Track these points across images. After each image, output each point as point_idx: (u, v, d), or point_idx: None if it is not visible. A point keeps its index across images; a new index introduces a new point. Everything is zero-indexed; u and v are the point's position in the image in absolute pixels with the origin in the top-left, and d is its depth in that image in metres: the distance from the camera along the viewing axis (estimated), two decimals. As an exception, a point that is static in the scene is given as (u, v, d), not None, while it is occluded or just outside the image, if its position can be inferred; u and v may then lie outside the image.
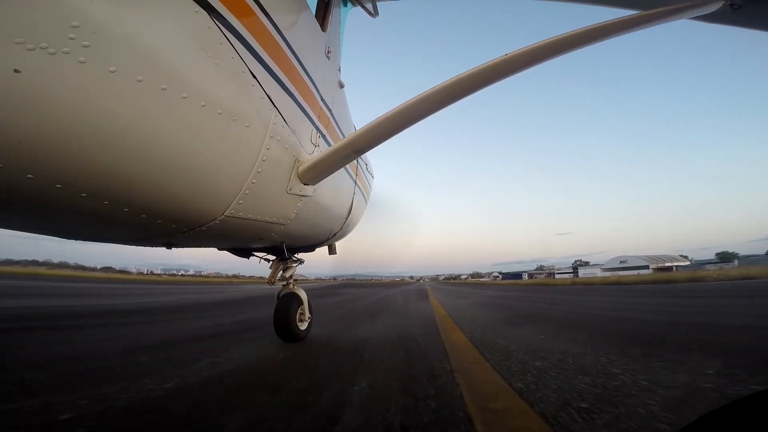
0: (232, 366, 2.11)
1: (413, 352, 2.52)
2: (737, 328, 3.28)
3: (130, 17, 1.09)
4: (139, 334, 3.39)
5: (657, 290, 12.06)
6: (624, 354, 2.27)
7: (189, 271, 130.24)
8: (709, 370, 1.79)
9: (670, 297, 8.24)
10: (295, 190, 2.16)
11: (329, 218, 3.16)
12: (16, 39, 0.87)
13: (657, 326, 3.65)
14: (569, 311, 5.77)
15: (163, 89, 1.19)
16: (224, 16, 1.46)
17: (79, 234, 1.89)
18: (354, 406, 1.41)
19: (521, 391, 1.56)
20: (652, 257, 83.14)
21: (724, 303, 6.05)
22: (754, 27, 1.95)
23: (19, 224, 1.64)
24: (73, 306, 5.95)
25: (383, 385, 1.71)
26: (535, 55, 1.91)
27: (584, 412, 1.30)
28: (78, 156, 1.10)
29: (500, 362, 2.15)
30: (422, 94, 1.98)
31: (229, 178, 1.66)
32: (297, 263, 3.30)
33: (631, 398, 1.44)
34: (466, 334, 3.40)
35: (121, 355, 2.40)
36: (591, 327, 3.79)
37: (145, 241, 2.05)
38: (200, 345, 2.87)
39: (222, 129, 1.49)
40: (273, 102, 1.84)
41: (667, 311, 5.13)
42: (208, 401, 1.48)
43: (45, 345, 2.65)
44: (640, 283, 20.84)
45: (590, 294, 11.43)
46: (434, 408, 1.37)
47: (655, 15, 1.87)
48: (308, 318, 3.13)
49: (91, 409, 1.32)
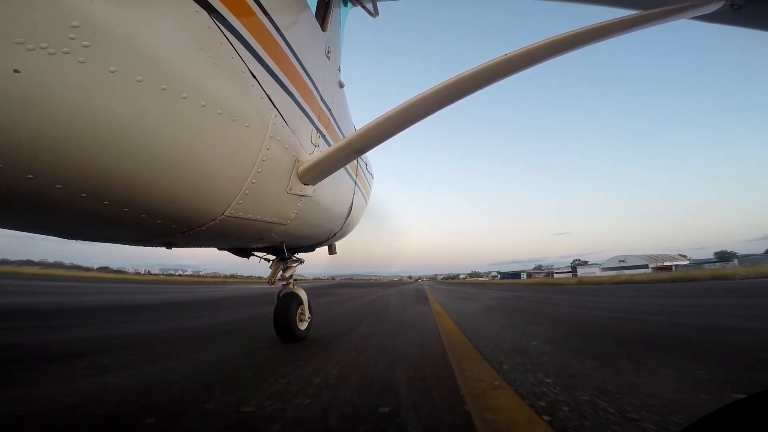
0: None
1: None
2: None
3: (130, 17, 1.09)
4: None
5: (702, 289, 10.07)
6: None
7: (187, 271, 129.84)
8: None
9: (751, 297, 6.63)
10: (295, 190, 2.16)
11: (329, 218, 3.16)
12: (16, 39, 0.87)
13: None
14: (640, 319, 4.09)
15: (163, 89, 1.19)
16: (224, 16, 1.46)
17: (79, 234, 1.89)
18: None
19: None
20: (651, 256, 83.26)
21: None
22: (754, 27, 1.95)
23: (19, 224, 1.64)
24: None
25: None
26: (535, 55, 1.92)
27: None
28: (78, 156, 1.09)
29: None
30: (422, 94, 1.98)
31: (229, 178, 1.65)
32: (297, 263, 3.30)
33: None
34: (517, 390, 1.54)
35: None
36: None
37: (145, 241, 2.04)
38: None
39: (222, 129, 1.49)
40: (273, 102, 1.84)
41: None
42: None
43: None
44: (656, 282, 18.64)
45: (612, 294, 9.74)
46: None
47: (655, 15, 1.87)
48: (308, 318, 3.13)
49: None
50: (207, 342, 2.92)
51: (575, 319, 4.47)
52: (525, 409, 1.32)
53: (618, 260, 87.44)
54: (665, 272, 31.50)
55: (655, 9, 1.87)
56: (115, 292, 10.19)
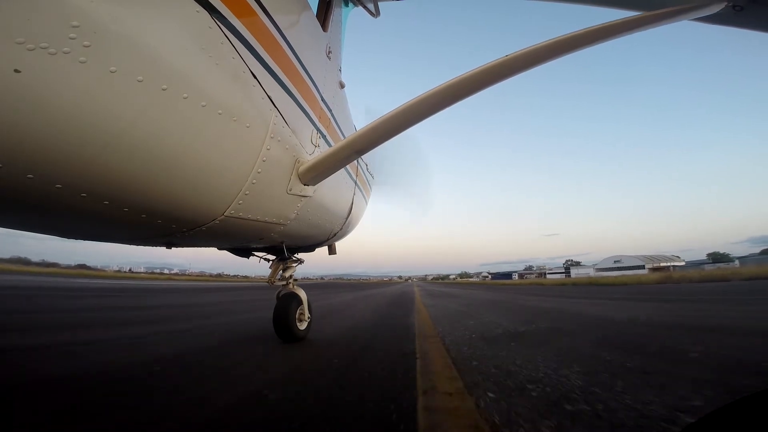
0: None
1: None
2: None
3: (130, 17, 1.08)
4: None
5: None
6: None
7: (173, 269, 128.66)
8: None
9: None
10: (295, 191, 2.15)
11: (329, 218, 3.16)
12: (17, 39, 0.86)
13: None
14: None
15: (163, 89, 1.19)
16: (225, 17, 1.46)
17: (79, 233, 1.88)
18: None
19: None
20: (647, 257, 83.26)
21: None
22: (756, 28, 1.95)
23: (19, 224, 1.64)
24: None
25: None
26: (536, 56, 1.91)
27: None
28: (78, 156, 1.09)
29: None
30: (422, 95, 1.98)
31: (229, 178, 1.65)
32: (297, 263, 3.30)
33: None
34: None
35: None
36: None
37: (145, 240, 2.04)
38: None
39: (222, 129, 1.49)
40: (273, 102, 1.84)
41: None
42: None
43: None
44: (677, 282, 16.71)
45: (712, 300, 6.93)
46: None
47: (657, 16, 1.87)
48: (308, 318, 3.13)
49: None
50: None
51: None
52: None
53: (613, 261, 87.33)
54: (676, 272, 28.82)
55: (657, 11, 1.86)
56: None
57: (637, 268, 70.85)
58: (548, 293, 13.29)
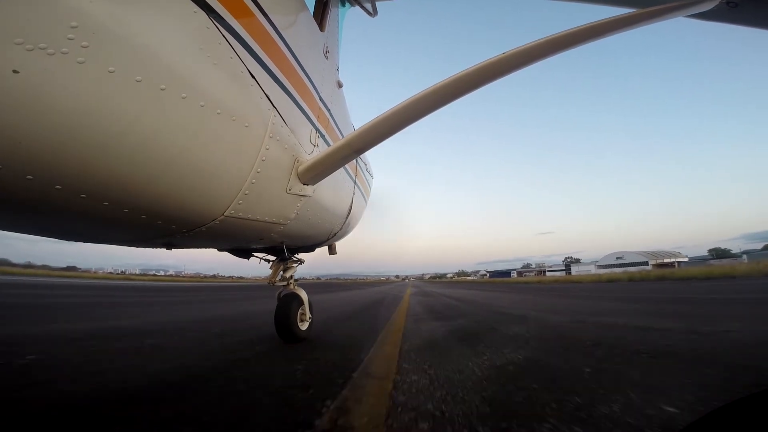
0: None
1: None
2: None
3: (128, 17, 1.09)
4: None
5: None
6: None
7: (168, 271, 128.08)
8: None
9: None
10: (294, 190, 2.16)
11: (329, 218, 3.16)
12: (16, 39, 0.87)
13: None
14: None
15: (162, 89, 1.19)
16: (223, 17, 1.47)
17: (78, 235, 1.88)
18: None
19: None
20: (650, 253, 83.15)
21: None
22: (750, 24, 1.96)
23: (18, 225, 1.64)
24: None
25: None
26: (532, 53, 1.92)
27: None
28: (78, 157, 1.09)
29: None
30: (420, 94, 1.98)
31: (228, 178, 1.65)
32: (297, 263, 3.30)
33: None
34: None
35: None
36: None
37: (145, 241, 2.04)
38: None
39: (221, 129, 1.49)
40: (272, 102, 1.84)
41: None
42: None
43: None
44: (721, 277, 14.99)
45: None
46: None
47: (652, 13, 1.87)
48: (309, 318, 3.13)
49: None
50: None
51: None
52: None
53: (615, 257, 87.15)
54: (716, 267, 25.37)
55: (652, 7, 1.87)
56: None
57: (641, 265, 70.63)
58: (598, 296, 9.14)
